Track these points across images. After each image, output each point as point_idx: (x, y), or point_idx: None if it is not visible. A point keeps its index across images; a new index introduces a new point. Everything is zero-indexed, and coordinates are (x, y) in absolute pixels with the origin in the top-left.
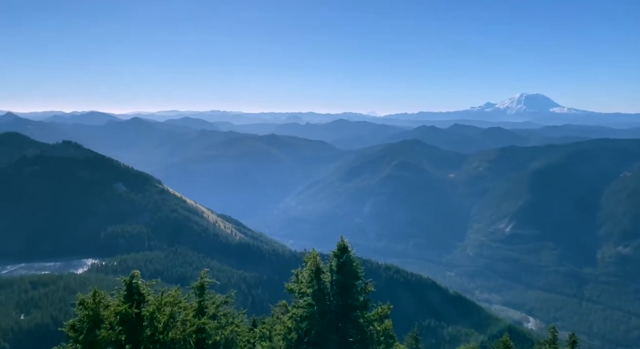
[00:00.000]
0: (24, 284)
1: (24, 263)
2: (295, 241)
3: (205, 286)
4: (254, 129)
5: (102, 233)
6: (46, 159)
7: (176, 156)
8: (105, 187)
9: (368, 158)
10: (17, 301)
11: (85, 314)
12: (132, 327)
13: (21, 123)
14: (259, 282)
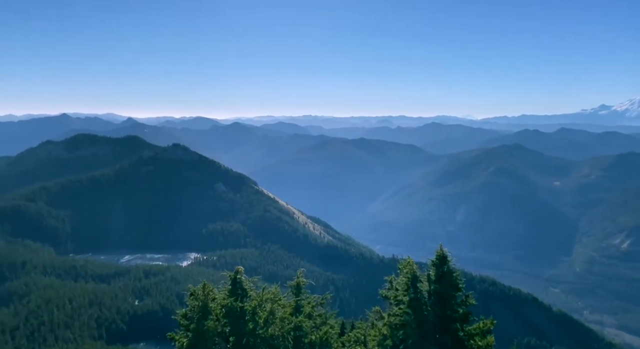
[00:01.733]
0: (138, 273)
1: (139, 253)
2: (382, 247)
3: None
4: (343, 133)
5: (203, 230)
6: (159, 160)
7: (270, 158)
8: (207, 187)
9: (462, 163)
10: (132, 288)
11: (196, 304)
12: (236, 320)
13: (139, 127)
14: (346, 285)
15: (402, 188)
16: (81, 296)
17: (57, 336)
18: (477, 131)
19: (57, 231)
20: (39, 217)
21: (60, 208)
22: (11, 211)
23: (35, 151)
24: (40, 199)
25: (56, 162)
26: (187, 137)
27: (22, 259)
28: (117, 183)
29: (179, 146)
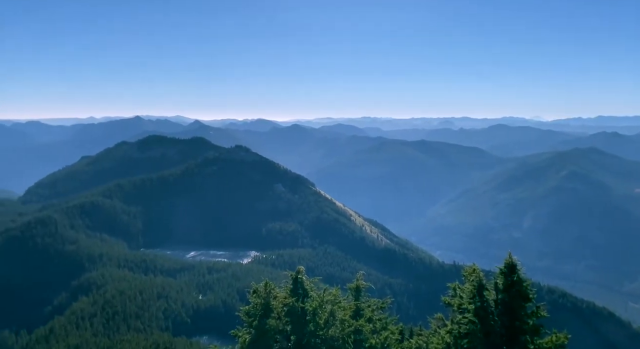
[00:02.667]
0: (202, 268)
1: (203, 250)
2: (443, 252)
3: (361, 289)
4: (403, 134)
5: (263, 229)
6: (222, 160)
7: (328, 160)
8: (267, 187)
9: (531, 167)
10: (196, 283)
11: (258, 302)
12: (297, 320)
13: (205, 129)
14: (404, 290)
15: (464, 192)
16: (150, 288)
17: (129, 326)
18: (547, 133)
19: (130, 226)
20: (114, 213)
21: (132, 205)
22: (90, 206)
23: (111, 151)
24: (115, 196)
25: (130, 161)
26: (248, 138)
27: (100, 252)
28: (184, 182)
29: (241, 147)
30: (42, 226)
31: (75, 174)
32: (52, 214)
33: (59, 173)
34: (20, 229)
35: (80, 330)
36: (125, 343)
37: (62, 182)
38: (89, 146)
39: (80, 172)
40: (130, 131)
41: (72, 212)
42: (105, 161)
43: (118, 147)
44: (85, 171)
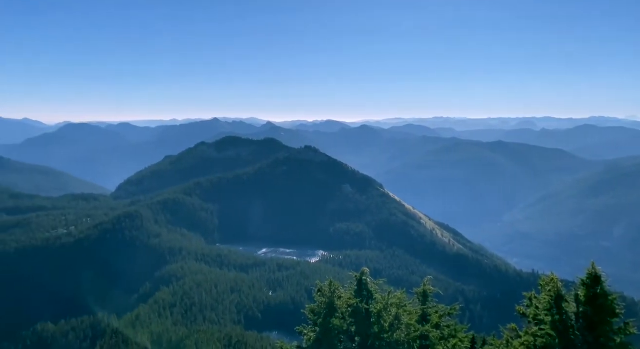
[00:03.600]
0: (272, 265)
1: (273, 247)
2: (520, 260)
3: (428, 294)
4: (478, 135)
5: (331, 229)
6: (292, 161)
7: (397, 161)
8: (335, 188)
9: (625, 170)
10: (267, 279)
11: (323, 301)
12: (362, 321)
13: (276, 131)
14: (477, 298)
15: (546, 197)
16: (224, 282)
17: (205, 317)
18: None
19: (207, 222)
20: (193, 209)
21: (209, 202)
22: (172, 203)
23: (191, 151)
24: (194, 194)
25: (208, 161)
26: (318, 139)
27: (180, 246)
28: (256, 181)
29: (310, 148)
30: (130, 220)
31: (160, 172)
32: (139, 210)
33: (145, 171)
34: (112, 222)
35: (162, 318)
36: (201, 334)
37: (148, 179)
38: (172, 146)
39: (164, 171)
40: (209, 132)
41: (156, 208)
42: (186, 160)
43: (197, 147)
44: (168, 170)
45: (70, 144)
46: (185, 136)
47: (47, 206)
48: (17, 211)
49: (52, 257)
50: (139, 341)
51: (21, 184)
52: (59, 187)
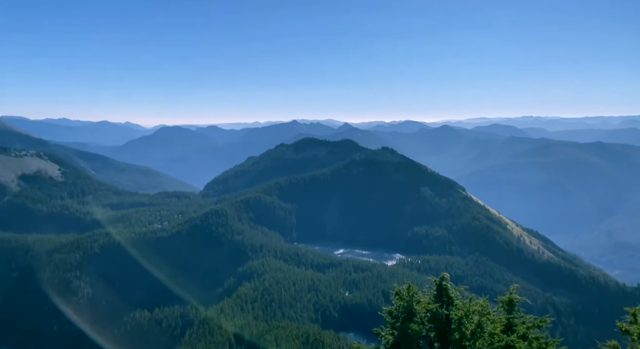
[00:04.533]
0: (349, 266)
1: (349, 248)
2: (623, 272)
3: (515, 303)
4: (573, 135)
5: (408, 232)
6: (369, 162)
7: (481, 163)
8: (413, 189)
9: None
10: (343, 279)
11: (401, 304)
12: (441, 327)
13: (353, 132)
14: (571, 311)
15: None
16: (302, 281)
17: (284, 313)
18: None
19: (285, 221)
20: (272, 208)
21: (288, 202)
22: (254, 202)
23: (272, 152)
24: (274, 193)
25: (287, 162)
26: (395, 140)
27: (260, 243)
28: (333, 182)
29: (387, 149)
30: (216, 217)
31: (243, 172)
32: (224, 207)
33: (230, 171)
34: (200, 218)
35: (244, 312)
36: (280, 329)
37: (232, 179)
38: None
39: (246, 171)
40: (288, 134)
41: (239, 206)
42: (267, 161)
43: (277, 148)
44: (250, 170)
45: (165, 145)
46: (266, 137)
47: (145, 203)
48: (120, 206)
49: (149, 249)
50: (223, 332)
51: (124, 182)
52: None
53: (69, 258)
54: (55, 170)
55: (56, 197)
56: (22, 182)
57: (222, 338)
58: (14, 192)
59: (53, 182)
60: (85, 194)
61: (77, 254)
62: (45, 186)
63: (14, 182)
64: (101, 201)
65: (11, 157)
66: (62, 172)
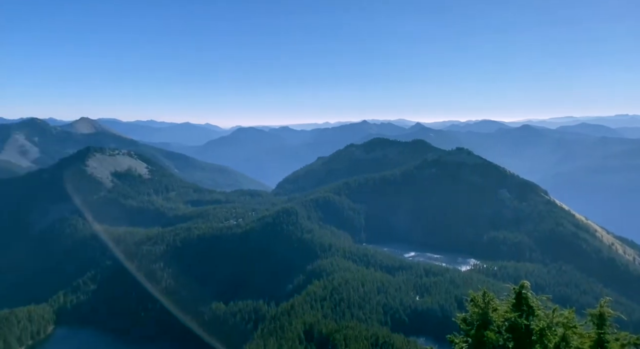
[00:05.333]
0: (419, 270)
1: (420, 251)
2: None
3: (606, 317)
4: None
5: (484, 236)
6: (442, 163)
7: (566, 165)
8: (490, 192)
9: None
10: (414, 283)
11: (475, 311)
12: (521, 338)
13: (425, 132)
14: None
15: None
16: (371, 282)
17: (353, 314)
18: None
19: (354, 221)
20: (341, 208)
21: (357, 202)
22: (323, 201)
23: (341, 153)
24: (343, 193)
25: (356, 162)
26: (471, 140)
27: (329, 242)
28: (403, 183)
29: (462, 150)
30: (287, 215)
31: (313, 172)
32: (294, 206)
33: (300, 171)
34: (272, 216)
35: (313, 310)
36: (349, 329)
37: (303, 178)
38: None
39: (316, 171)
40: (358, 134)
41: (309, 205)
42: (336, 161)
43: (347, 149)
44: (320, 170)
45: (241, 145)
46: (336, 138)
47: (222, 200)
48: (199, 203)
49: (225, 244)
50: (293, 329)
51: (203, 180)
52: (231, 183)
53: (154, 250)
54: (143, 168)
55: (143, 193)
56: (115, 179)
57: (292, 334)
58: (108, 188)
59: (141, 180)
60: (169, 191)
61: (161, 247)
62: (134, 183)
63: (108, 179)
64: (183, 197)
65: (106, 156)
66: (149, 170)
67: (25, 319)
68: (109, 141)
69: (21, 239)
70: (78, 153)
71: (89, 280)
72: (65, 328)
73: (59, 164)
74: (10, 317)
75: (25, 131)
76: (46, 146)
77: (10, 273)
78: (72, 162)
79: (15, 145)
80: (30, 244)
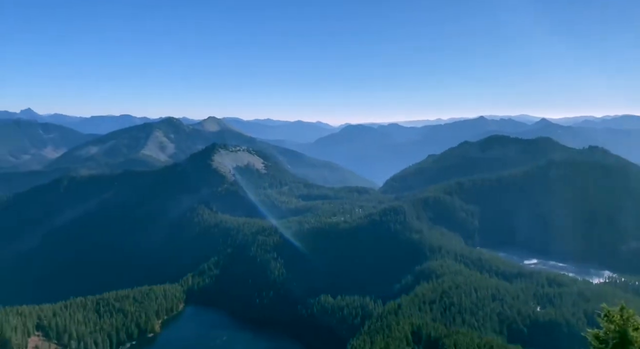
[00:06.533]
0: (541, 279)
1: (542, 258)
2: None
3: None
4: None
5: (623, 246)
6: (571, 163)
7: None
8: (631, 197)
9: None
10: (534, 292)
11: (611, 328)
12: None
13: (551, 128)
14: None
15: None
16: (485, 288)
17: (464, 320)
18: None
19: (466, 223)
20: (452, 209)
21: (470, 203)
22: (433, 201)
23: (454, 150)
24: (455, 193)
25: (471, 161)
26: (608, 138)
27: (439, 244)
28: (524, 184)
29: (597, 148)
30: (394, 214)
31: (422, 170)
32: (402, 205)
33: (409, 169)
34: (379, 214)
35: (421, 312)
36: (460, 335)
37: (411, 177)
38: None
39: (426, 169)
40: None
41: (418, 204)
42: (448, 159)
43: (460, 146)
44: (430, 168)
45: (349, 142)
46: (449, 135)
47: (330, 195)
48: (309, 197)
49: (332, 239)
50: (401, 329)
51: (312, 176)
52: (340, 180)
53: (269, 240)
54: (260, 163)
55: (260, 187)
56: (236, 173)
57: (399, 334)
58: (230, 181)
59: (258, 174)
60: (282, 185)
61: (274, 238)
62: (252, 177)
63: (230, 173)
64: (294, 192)
65: (229, 152)
66: (265, 165)
67: (162, 296)
68: (231, 138)
69: (159, 225)
70: (205, 149)
71: (213, 265)
72: (192, 307)
73: (190, 158)
74: (150, 293)
75: (164, 129)
76: (180, 142)
77: (150, 254)
78: (200, 158)
79: (155, 141)
80: (166, 229)
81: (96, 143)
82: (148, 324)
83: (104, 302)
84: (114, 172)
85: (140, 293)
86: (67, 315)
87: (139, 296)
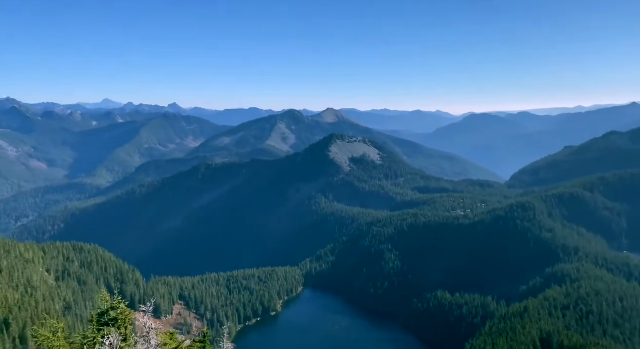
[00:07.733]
0: None
1: None
2: None
3: None
4: None
5: None
6: None
7: None
8: None
9: None
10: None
11: None
12: None
13: None
14: None
15: None
16: (634, 298)
17: (605, 331)
18: None
19: (611, 224)
20: (594, 207)
21: (617, 201)
22: (569, 197)
23: (597, 142)
24: (597, 190)
25: (617, 153)
26: None
27: (575, 245)
28: None
29: None
30: (522, 211)
31: (557, 163)
32: (532, 201)
33: (542, 162)
34: (504, 210)
35: (552, 318)
36: (600, 348)
37: (544, 170)
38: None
39: (562, 162)
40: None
41: (550, 201)
42: (589, 151)
43: (606, 137)
44: (566, 161)
45: (472, 133)
46: (590, 124)
47: (449, 189)
48: (425, 190)
49: (450, 234)
50: (527, 334)
51: (430, 167)
52: (459, 172)
53: (383, 232)
54: (375, 154)
55: (375, 178)
56: (352, 163)
57: (525, 339)
58: (346, 171)
59: (373, 165)
60: (398, 177)
61: (389, 229)
62: (367, 168)
63: (346, 164)
64: (410, 184)
65: (345, 143)
66: (381, 156)
67: (282, 278)
68: (348, 129)
69: (281, 211)
70: (323, 140)
71: (329, 252)
72: (310, 290)
73: (309, 149)
74: (273, 274)
75: (286, 121)
76: (300, 133)
77: (273, 238)
78: (318, 148)
79: (278, 132)
80: (287, 216)
81: (228, 134)
82: (271, 304)
83: (233, 279)
84: (243, 161)
85: (265, 273)
86: (204, 288)
87: (263, 276)
